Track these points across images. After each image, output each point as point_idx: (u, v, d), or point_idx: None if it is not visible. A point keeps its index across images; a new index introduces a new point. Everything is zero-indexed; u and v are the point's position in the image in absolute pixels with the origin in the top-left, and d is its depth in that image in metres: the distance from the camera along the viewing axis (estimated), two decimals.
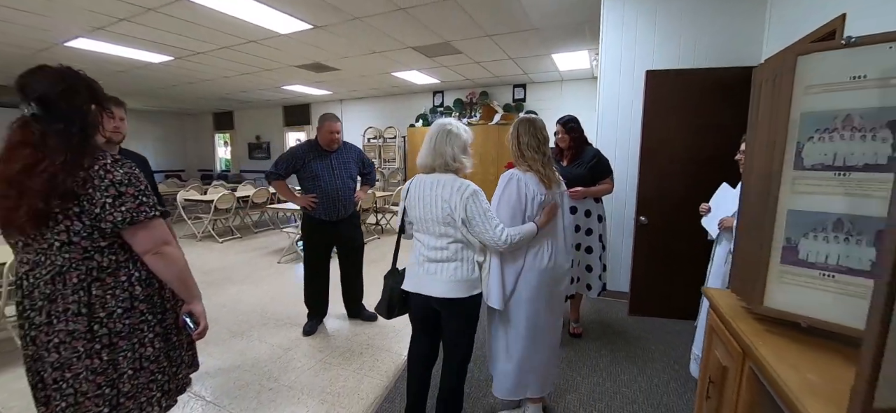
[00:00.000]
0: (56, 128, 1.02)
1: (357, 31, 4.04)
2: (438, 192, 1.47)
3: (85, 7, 3.33)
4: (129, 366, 1.11)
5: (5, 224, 1.04)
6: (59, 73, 1.08)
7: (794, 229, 1.13)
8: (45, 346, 1.06)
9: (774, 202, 1.14)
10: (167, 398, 1.21)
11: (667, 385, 2.11)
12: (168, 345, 1.22)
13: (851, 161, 1.02)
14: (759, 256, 1.20)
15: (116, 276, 1.09)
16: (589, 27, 3.88)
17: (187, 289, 1.20)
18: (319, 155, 2.57)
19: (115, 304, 1.08)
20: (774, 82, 1.16)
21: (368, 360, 2.40)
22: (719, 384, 1.36)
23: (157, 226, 1.11)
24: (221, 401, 1.99)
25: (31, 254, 1.06)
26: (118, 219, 1.03)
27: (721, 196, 2.03)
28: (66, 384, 1.06)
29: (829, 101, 1.04)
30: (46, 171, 0.98)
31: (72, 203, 1.00)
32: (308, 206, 2.54)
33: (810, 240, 1.10)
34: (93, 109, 1.10)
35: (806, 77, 1.07)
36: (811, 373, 0.96)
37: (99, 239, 1.05)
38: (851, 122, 1.01)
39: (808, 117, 1.07)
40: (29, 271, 1.07)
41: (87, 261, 1.05)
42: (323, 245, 2.69)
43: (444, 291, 1.49)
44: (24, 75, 1.04)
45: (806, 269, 1.11)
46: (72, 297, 1.04)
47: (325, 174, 2.55)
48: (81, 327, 1.05)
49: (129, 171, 1.06)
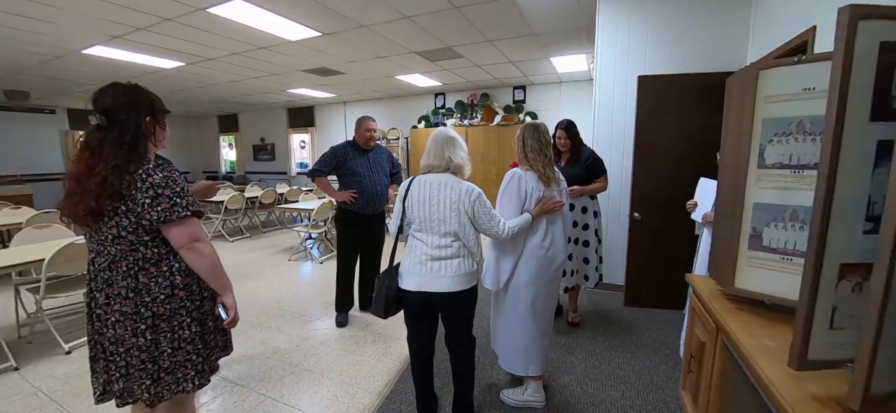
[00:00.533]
0: (112, 136, 1.20)
1: (364, 38, 4.21)
2: (447, 194, 1.61)
3: (106, 18, 3.50)
4: (168, 345, 1.25)
5: (71, 217, 1.21)
6: (123, 89, 1.26)
7: (758, 219, 1.30)
8: (104, 323, 1.23)
9: (742, 196, 1.32)
10: (200, 377, 1.34)
11: (657, 367, 2.28)
12: (203, 329, 1.35)
13: (804, 160, 1.19)
14: (731, 244, 1.38)
15: (159, 266, 1.23)
16: (586, 33, 4.06)
17: (219, 281, 1.32)
18: (359, 153, 2.79)
19: (157, 290, 1.22)
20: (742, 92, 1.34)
21: (382, 347, 2.58)
22: (699, 357, 1.53)
23: (189, 224, 1.23)
24: (249, 383, 2.16)
25: (94, 243, 1.24)
26: (154, 217, 1.17)
27: (703, 189, 2.21)
28: (120, 357, 1.22)
29: (786, 109, 1.22)
30: (100, 174, 1.15)
31: (119, 202, 1.16)
32: (349, 200, 2.73)
33: (772, 228, 1.28)
34: (146, 121, 1.28)
35: (767, 88, 1.25)
36: (768, 340, 1.14)
37: (143, 234, 1.20)
38: (804, 127, 1.18)
39: (769, 123, 1.25)
40: (93, 258, 1.25)
41: (133, 252, 1.20)
42: (356, 238, 2.88)
43: (450, 286, 1.62)
44: (98, 91, 1.22)
45: (769, 254, 1.29)
46: (122, 282, 1.20)
47: (364, 171, 2.76)
48: (129, 309, 1.20)
49: (167, 175, 1.20)
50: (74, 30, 3.82)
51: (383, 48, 4.62)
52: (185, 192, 1.24)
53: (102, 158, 1.18)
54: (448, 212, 1.60)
